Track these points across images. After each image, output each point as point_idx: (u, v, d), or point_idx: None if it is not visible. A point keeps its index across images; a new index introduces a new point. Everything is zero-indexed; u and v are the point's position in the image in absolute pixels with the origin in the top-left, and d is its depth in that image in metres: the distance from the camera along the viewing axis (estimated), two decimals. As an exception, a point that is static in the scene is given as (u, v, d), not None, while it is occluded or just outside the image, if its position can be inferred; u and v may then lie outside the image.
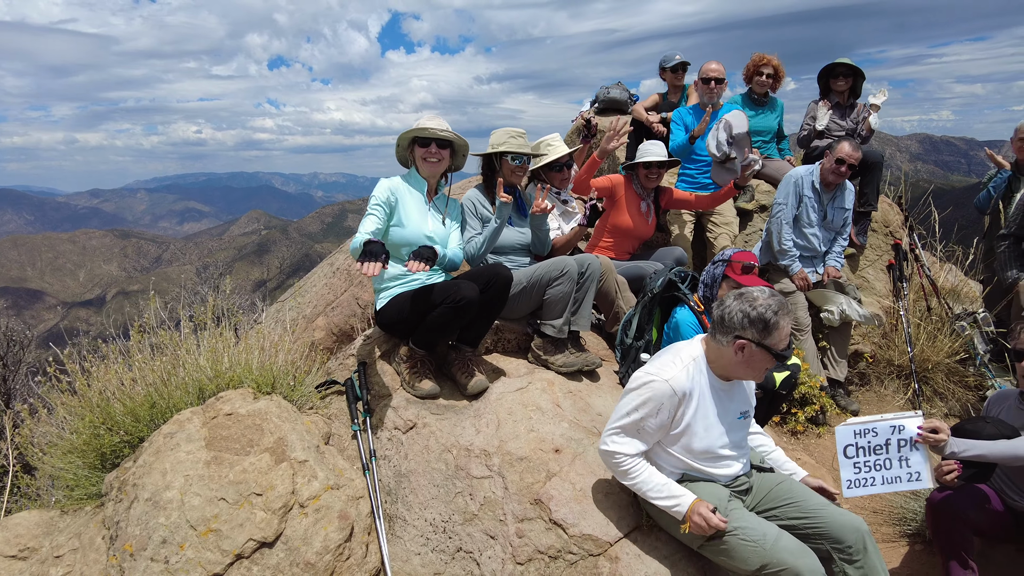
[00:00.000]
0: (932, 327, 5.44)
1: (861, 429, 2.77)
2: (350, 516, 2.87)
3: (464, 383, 3.44)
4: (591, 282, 3.70)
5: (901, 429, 2.72)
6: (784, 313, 2.59)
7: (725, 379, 2.74)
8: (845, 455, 2.78)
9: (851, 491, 2.78)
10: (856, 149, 4.81)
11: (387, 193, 3.44)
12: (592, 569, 2.78)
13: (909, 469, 2.71)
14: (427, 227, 3.51)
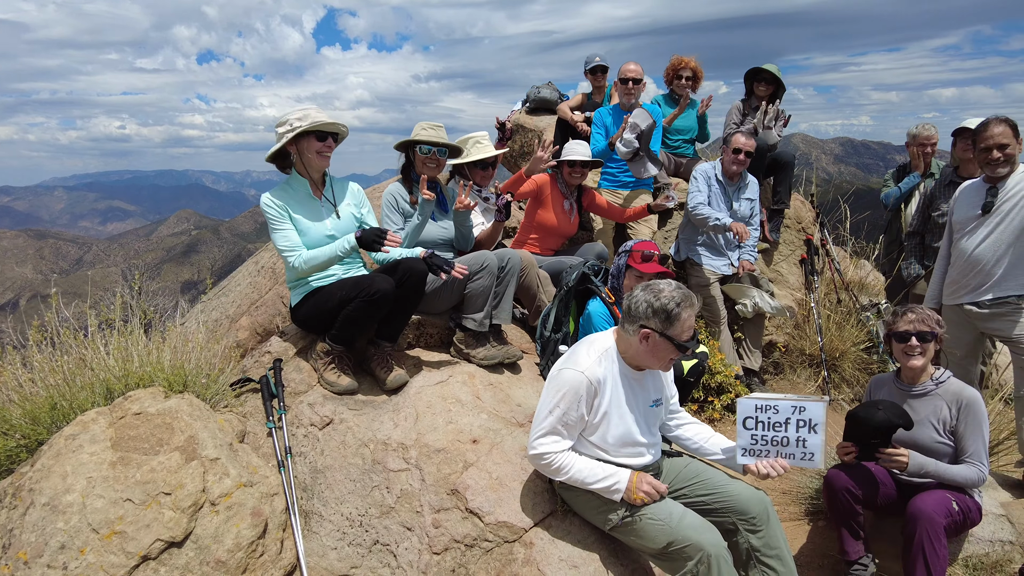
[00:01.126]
0: (840, 318, 5.76)
1: (763, 404, 2.77)
2: (264, 513, 2.84)
3: (383, 378, 3.44)
4: (511, 276, 3.76)
5: (802, 410, 2.72)
6: (687, 305, 2.69)
7: (636, 368, 2.84)
8: (744, 426, 2.79)
9: (744, 458, 2.82)
10: (749, 138, 5.08)
11: (278, 204, 3.39)
12: (507, 555, 2.84)
13: (804, 450, 2.74)
14: (326, 227, 3.49)
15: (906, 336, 3.18)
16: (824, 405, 2.70)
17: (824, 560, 3.58)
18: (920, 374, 3.24)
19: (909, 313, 3.21)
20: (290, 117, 3.39)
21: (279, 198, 3.41)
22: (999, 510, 3.48)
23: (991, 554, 3.32)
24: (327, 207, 3.55)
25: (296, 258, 3.36)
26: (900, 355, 3.26)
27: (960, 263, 3.98)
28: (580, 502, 2.90)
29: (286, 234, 3.39)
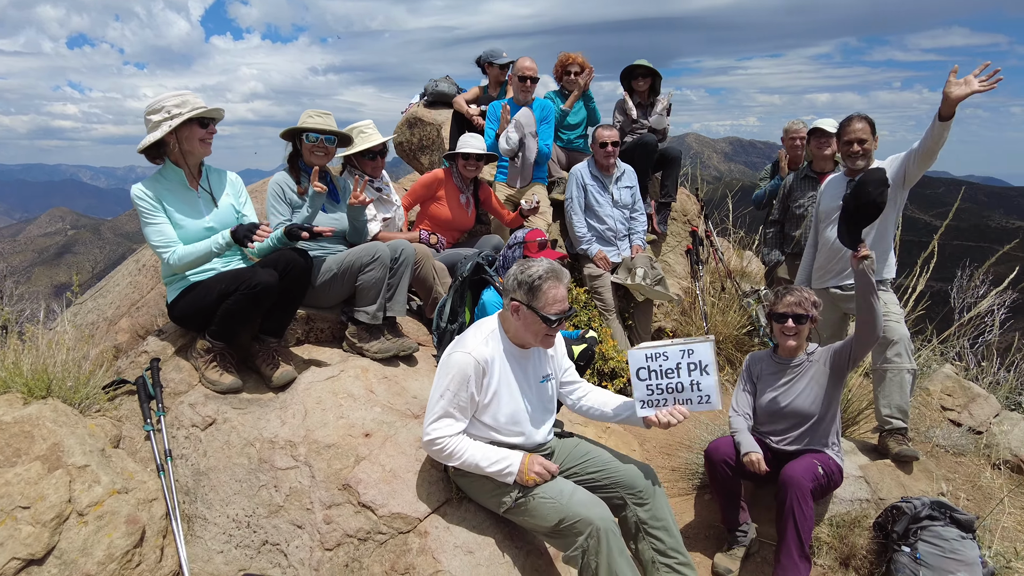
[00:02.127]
0: (724, 304, 6.10)
1: (652, 353, 2.77)
2: (140, 520, 2.69)
3: (268, 375, 3.33)
4: (405, 268, 3.73)
5: (691, 352, 2.73)
6: (551, 279, 2.75)
7: (520, 346, 2.90)
8: (638, 377, 2.78)
9: (644, 410, 2.84)
10: (610, 129, 5.38)
11: (151, 196, 3.20)
12: (402, 546, 2.83)
13: (700, 393, 2.75)
14: (203, 219, 3.33)
15: (783, 317, 3.42)
16: (711, 344, 2.72)
17: (710, 530, 3.80)
18: (796, 351, 3.49)
19: (788, 296, 3.44)
20: (166, 103, 3.20)
21: (152, 189, 3.21)
22: (858, 472, 3.81)
23: (851, 512, 3.64)
24: (205, 198, 3.38)
25: (171, 254, 3.19)
26: (778, 334, 3.49)
27: (826, 250, 4.32)
28: (474, 488, 2.93)
29: (160, 228, 3.20)
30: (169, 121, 3.19)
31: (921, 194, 34.11)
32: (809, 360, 3.47)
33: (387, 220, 4.48)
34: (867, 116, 4.11)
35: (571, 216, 5.42)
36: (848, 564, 3.49)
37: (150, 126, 3.23)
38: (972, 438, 4.78)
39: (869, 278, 3.20)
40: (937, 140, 3.71)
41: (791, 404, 3.43)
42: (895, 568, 3.27)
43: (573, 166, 5.54)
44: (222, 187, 3.48)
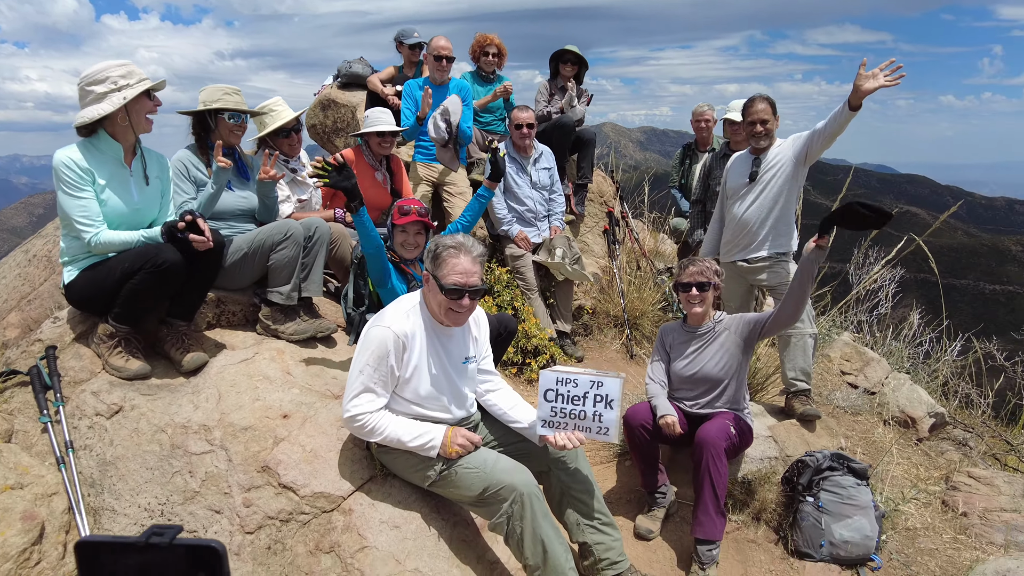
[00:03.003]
0: (640, 282, 6.30)
1: (563, 378, 2.74)
2: (39, 516, 2.52)
3: (178, 359, 3.18)
4: (320, 246, 3.63)
5: (600, 385, 2.71)
6: (456, 250, 2.76)
7: (441, 322, 2.89)
8: (545, 398, 2.76)
9: (544, 429, 2.81)
10: (525, 111, 5.43)
11: (81, 168, 2.96)
12: (326, 525, 2.78)
13: (600, 424, 2.76)
14: (132, 199, 3.14)
15: (688, 287, 3.56)
16: (620, 381, 2.72)
17: (631, 495, 3.93)
18: (703, 318, 3.64)
19: (691, 266, 3.59)
20: (110, 74, 2.98)
21: (85, 160, 2.97)
22: (767, 433, 4.04)
23: (761, 469, 3.86)
24: (137, 177, 3.18)
25: (94, 235, 2.96)
26: (685, 303, 3.64)
27: (732, 225, 4.53)
28: (398, 464, 2.91)
29: (85, 203, 2.96)
30: (117, 92, 2.98)
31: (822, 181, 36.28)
32: (716, 327, 3.63)
33: (303, 202, 4.35)
34: (768, 97, 4.32)
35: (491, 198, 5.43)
36: (760, 518, 3.70)
37: (91, 98, 2.99)
38: (867, 399, 5.16)
39: (814, 268, 3.32)
40: (842, 126, 3.93)
41: (701, 370, 3.59)
42: (800, 517, 3.50)
43: None
44: (153, 168, 3.28)
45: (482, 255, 2.86)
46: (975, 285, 55.42)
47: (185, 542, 0.97)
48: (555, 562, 2.69)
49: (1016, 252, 61.20)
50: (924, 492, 4.14)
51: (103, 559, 0.97)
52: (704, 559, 3.26)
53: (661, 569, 3.40)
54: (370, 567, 2.69)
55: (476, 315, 3.15)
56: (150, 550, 0.96)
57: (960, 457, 4.76)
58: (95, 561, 0.97)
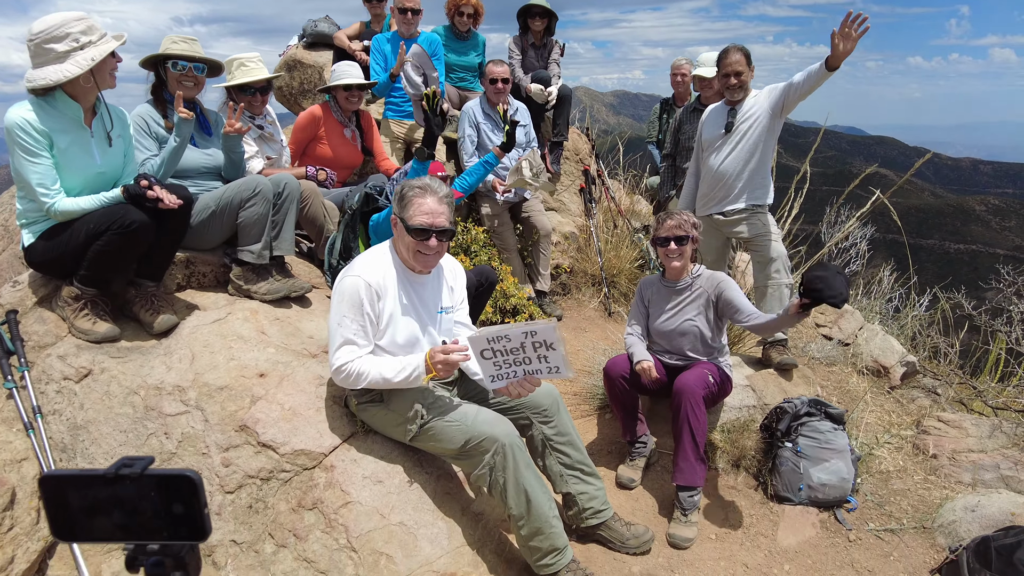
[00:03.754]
0: (617, 240, 6.28)
1: (494, 336, 2.59)
2: (8, 481, 2.45)
3: (149, 321, 3.08)
4: (290, 203, 3.53)
5: (533, 334, 2.58)
6: (422, 190, 2.72)
7: (412, 270, 2.85)
8: (483, 357, 2.63)
9: (495, 384, 2.71)
10: (500, 64, 5.30)
11: (38, 130, 2.78)
12: (308, 482, 2.75)
13: (549, 364, 2.64)
14: (95, 162, 2.99)
15: (666, 241, 3.53)
16: (553, 326, 2.58)
17: (612, 446, 3.96)
18: (681, 272, 3.62)
19: (668, 220, 3.56)
20: (70, 30, 2.78)
21: (40, 121, 2.79)
22: (745, 382, 4.08)
23: (740, 417, 3.90)
24: (99, 138, 3.02)
25: (52, 204, 2.82)
26: (663, 258, 3.61)
27: (709, 178, 4.51)
28: (378, 420, 2.89)
29: (41, 170, 2.79)
30: (81, 52, 2.79)
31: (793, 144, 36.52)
32: (694, 283, 3.61)
33: (271, 160, 4.22)
34: (743, 48, 4.26)
35: (464, 155, 5.32)
36: (739, 465, 3.76)
37: (50, 57, 2.79)
38: (841, 349, 5.24)
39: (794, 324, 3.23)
40: (817, 84, 3.92)
41: (680, 325, 3.59)
42: (779, 462, 3.55)
43: (464, 104, 5.43)
44: (118, 127, 3.12)
45: (449, 196, 2.81)
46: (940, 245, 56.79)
47: (157, 472, 0.92)
48: (539, 511, 2.70)
49: (980, 212, 62.68)
50: (896, 437, 4.24)
51: (69, 494, 0.92)
52: (686, 505, 3.30)
53: (644, 517, 3.44)
54: (354, 522, 2.67)
55: (452, 265, 3.10)
56: (120, 482, 0.91)
57: (930, 403, 4.87)
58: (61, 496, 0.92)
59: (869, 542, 3.34)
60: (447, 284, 3.03)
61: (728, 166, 4.34)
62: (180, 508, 0.91)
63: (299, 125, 4.58)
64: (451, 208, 2.81)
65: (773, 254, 4.24)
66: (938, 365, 5.89)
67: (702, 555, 3.19)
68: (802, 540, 3.32)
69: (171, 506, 0.91)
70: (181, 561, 0.94)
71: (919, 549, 3.31)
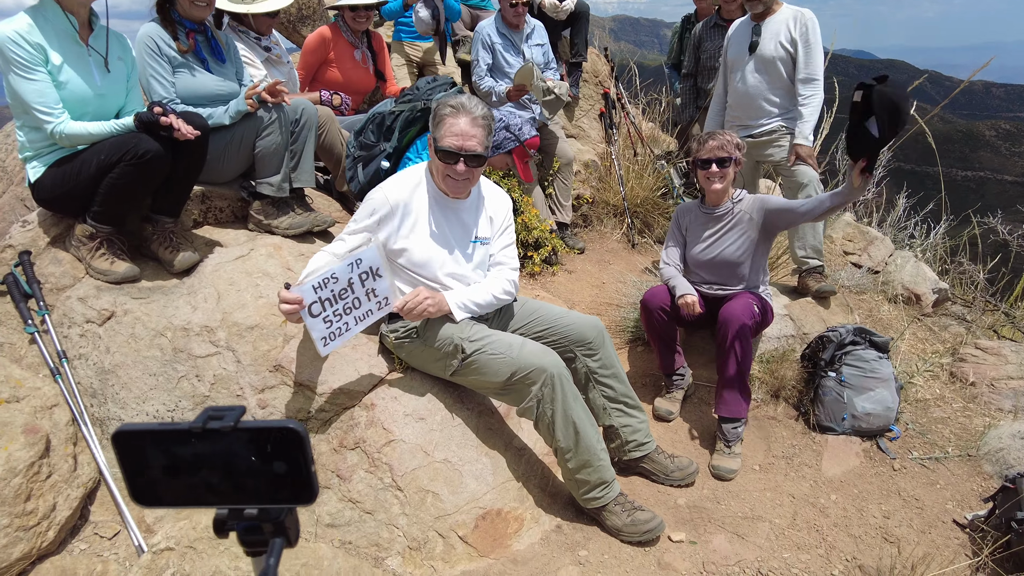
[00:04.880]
0: (639, 168, 6.04)
1: (320, 281, 2.39)
2: (42, 428, 2.34)
3: (169, 259, 2.92)
4: (308, 131, 3.30)
5: (359, 263, 2.44)
6: (456, 111, 2.56)
7: (446, 194, 2.71)
8: (311, 314, 2.38)
9: (327, 347, 2.47)
10: None
11: (31, 43, 2.55)
12: (348, 421, 2.67)
13: (377, 298, 2.52)
14: (94, 83, 2.77)
15: (707, 163, 3.33)
16: (376, 247, 2.48)
17: (647, 379, 3.87)
18: (722, 197, 3.44)
19: (710, 140, 3.34)
20: None
21: (31, 33, 2.55)
22: (783, 311, 3.96)
23: (779, 348, 3.80)
24: (97, 58, 2.78)
25: (58, 124, 2.61)
26: (704, 181, 3.41)
27: (736, 99, 4.25)
28: (416, 356, 2.78)
29: (41, 87, 2.58)
30: None
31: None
32: (735, 208, 3.43)
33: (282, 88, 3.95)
34: None
35: (478, 78, 5.00)
36: (778, 395, 3.68)
37: None
38: (871, 277, 5.11)
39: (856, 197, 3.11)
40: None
41: (720, 254, 3.43)
42: (822, 392, 3.47)
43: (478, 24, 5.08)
44: (114, 48, 2.87)
45: (487, 118, 2.62)
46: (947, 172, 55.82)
47: (253, 424, 0.78)
48: (587, 443, 2.62)
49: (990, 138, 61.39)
50: (934, 365, 4.15)
51: (148, 452, 0.79)
52: (730, 437, 3.23)
53: (684, 449, 3.37)
54: (398, 460, 2.60)
55: (496, 194, 2.93)
56: (209, 437, 0.78)
57: (964, 331, 4.78)
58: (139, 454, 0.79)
59: (914, 471, 3.29)
60: (486, 213, 2.86)
61: (756, 86, 4.08)
62: (282, 466, 0.77)
63: (308, 47, 4.30)
64: (488, 131, 2.63)
65: (805, 179, 4.02)
66: (966, 292, 5.78)
67: (747, 486, 3.13)
68: (847, 470, 3.26)
69: (271, 464, 0.77)
70: (280, 526, 0.82)
71: (965, 477, 3.26)
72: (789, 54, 3.95)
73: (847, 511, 2.99)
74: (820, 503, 3.04)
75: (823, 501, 3.05)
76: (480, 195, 2.84)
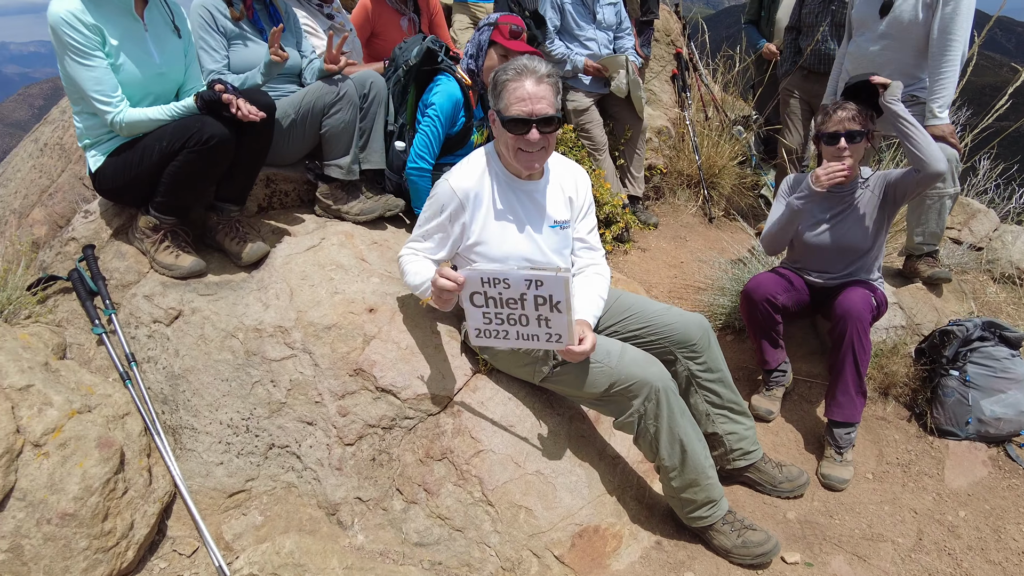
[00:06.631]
0: (714, 134, 5.61)
1: (490, 278, 2.19)
2: (115, 441, 2.19)
3: (236, 251, 2.71)
4: (378, 105, 3.03)
5: (538, 285, 2.15)
6: (519, 74, 2.26)
7: (518, 176, 2.44)
8: (472, 303, 2.22)
9: (479, 340, 2.30)
10: None
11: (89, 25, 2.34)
12: (434, 429, 2.46)
13: (549, 330, 2.23)
14: (153, 61, 2.55)
15: (835, 137, 2.92)
16: (565, 280, 2.14)
17: (739, 372, 3.56)
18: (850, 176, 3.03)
19: (838, 110, 2.94)
20: None
21: (89, 14, 2.34)
22: (892, 298, 3.58)
23: (888, 340, 3.45)
24: (154, 31, 2.57)
25: (117, 114, 2.42)
26: (830, 158, 3.00)
27: (857, 65, 3.76)
28: (503, 359, 2.55)
29: (99, 75, 2.38)
30: None
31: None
32: (862, 189, 3.04)
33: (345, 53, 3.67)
34: None
35: (548, 42, 4.62)
36: (888, 393, 3.35)
37: None
38: (973, 255, 4.65)
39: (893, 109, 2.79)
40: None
41: (842, 239, 3.04)
42: (943, 392, 3.12)
43: None
44: (173, 19, 2.66)
45: (552, 76, 2.30)
46: (1016, 125, 52.64)
47: None
48: (694, 461, 2.37)
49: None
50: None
51: None
52: (841, 443, 2.93)
53: (788, 453, 3.10)
54: (488, 473, 2.39)
55: (571, 171, 2.63)
56: None
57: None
58: None
59: (1051, 482, 2.95)
60: (564, 194, 2.56)
61: (883, 52, 3.60)
62: None
63: (352, 22, 3.96)
64: (556, 91, 2.31)
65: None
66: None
67: (861, 498, 2.85)
68: (973, 481, 2.94)
69: None
70: None
71: (1111, 490, 2.91)
72: (928, 17, 3.44)
73: (981, 532, 2.69)
74: (948, 520, 2.74)
75: (951, 518, 2.75)
76: (553, 173, 2.55)
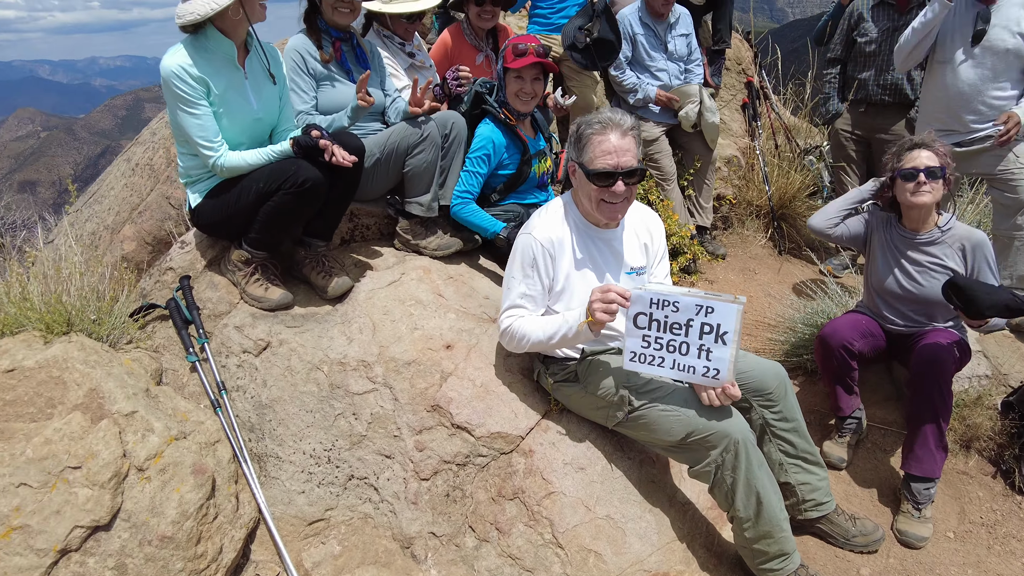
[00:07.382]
0: (785, 164, 5.52)
1: (660, 299, 2.15)
2: (208, 468, 2.32)
3: (322, 285, 2.84)
4: (458, 145, 3.12)
5: (709, 311, 2.10)
6: (604, 127, 2.31)
7: (596, 224, 2.49)
8: (636, 324, 2.19)
9: (632, 364, 2.27)
10: None
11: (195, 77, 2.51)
12: (506, 468, 2.50)
13: (708, 363, 2.17)
14: (252, 108, 2.71)
15: (912, 173, 2.86)
16: (738, 309, 2.08)
17: (811, 415, 3.46)
18: (927, 217, 2.94)
19: (917, 148, 2.87)
20: None
21: (195, 67, 2.51)
22: (976, 346, 3.45)
23: (970, 390, 3.32)
24: (253, 79, 2.73)
25: (217, 158, 2.58)
26: (904, 196, 2.91)
27: (943, 97, 3.63)
28: (576, 401, 2.58)
29: (204, 122, 2.55)
30: None
31: None
32: (943, 235, 2.95)
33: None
34: None
35: (619, 71, 4.64)
36: (970, 446, 3.22)
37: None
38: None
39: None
40: None
41: (926, 291, 2.95)
42: (1034, 450, 2.99)
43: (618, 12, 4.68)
44: (269, 66, 2.82)
45: (634, 129, 2.36)
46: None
47: None
48: (770, 513, 2.33)
49: None
50: None
51: None
52: (920, 499, 2.83)
53: (861, 505, 3.01)
54: (559, 515, 2.42)
55: (645, 216, 2.67)
56: None
57: None
58: None
59: None
60: (639, 240, 2.60)
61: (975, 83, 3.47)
62: None
63: (432, 59, 4.05)
64: (639, 143, 2.39)
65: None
66: None
67: (941, 558, 2.75)
68: (1066, 545, 2.80)
69: None
70: None
71: None
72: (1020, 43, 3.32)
73: (1075, 602, 2.56)
74: (1039, 589, 2.62)
75: (1041, 585, 2.63)
76: (628, 220, 2.59)
